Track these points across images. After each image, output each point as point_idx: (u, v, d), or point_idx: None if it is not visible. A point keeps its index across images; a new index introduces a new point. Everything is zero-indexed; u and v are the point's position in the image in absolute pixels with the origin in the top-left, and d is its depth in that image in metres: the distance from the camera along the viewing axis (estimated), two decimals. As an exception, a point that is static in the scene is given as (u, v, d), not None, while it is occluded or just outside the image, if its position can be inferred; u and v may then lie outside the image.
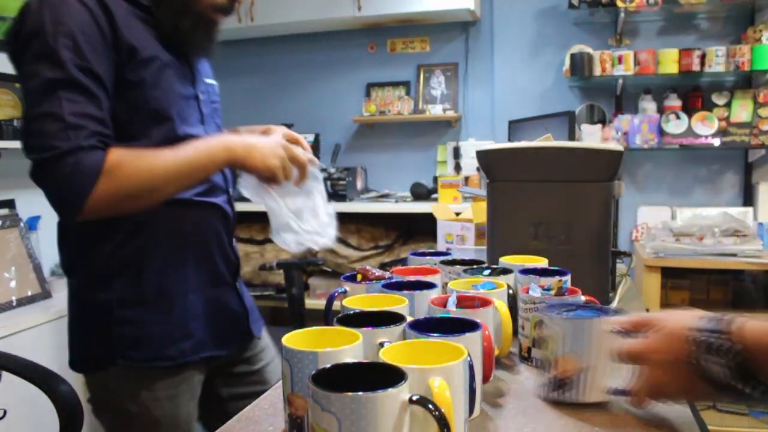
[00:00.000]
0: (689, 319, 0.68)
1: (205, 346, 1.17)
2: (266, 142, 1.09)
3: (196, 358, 1.16)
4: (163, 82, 1.09)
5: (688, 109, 2.91)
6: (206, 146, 1.07)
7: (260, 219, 2.50)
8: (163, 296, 1.12)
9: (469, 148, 3.21)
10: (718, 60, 2.72)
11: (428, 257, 1.14)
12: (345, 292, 0.92)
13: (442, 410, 0.54)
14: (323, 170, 2.86)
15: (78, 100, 0.98)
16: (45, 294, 2.44)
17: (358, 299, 0.84)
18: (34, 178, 1.00)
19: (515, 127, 3.04)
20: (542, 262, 1.09)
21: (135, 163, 1.01)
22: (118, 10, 1.05)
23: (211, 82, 1.27)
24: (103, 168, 0.98)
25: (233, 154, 1.07)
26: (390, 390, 0.52)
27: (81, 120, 0.98)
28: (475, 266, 1.05)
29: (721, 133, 2.83)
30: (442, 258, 1.11)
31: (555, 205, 1.20)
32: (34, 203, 2.65)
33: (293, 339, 0.67)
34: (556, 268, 1.02)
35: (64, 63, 0.98)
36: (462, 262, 1.09)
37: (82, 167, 0.96)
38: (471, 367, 0.67)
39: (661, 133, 2.89)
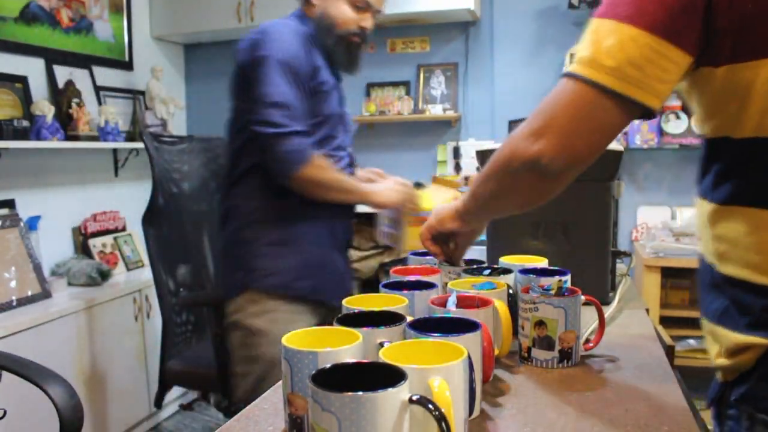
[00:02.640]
0: None
1: (320, 293, 1.52)
2: (386, 186, 1.63)
3: (313, 297, 1.51)
4: (330, 99, 1.53)
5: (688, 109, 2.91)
6: (364, 188, 1.57)
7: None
8: (297, 242, 1.50)
9: (469, 148, 3.21)
10: (718, 60, 2.72)
11: (428, 257, 1.14)
12: None
13: (442, 410, 0.54)
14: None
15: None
16: (45, 294, 2.44)
17: (358, 299, 0.84)
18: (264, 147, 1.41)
19: (515, 127, 3.03)
20: (542, 262, 1.09)
21: (330, 169, 1.47)
22: (313, 43, 1.50)
23: (347, 110, 1.67)
24: (312, 159, 1.42)
25: (374, 197, 1.57)
26: (390, 390, 0.52)
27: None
28: (475, 266, 1.05)
29: (721, 133, 2.83)
30: (442, 258, 1.11)
31: (555, 205, 1.19)
32: (34, 203, 2.65)
33: (293, 339, 0.67)
34: (556, 268, 1.02)
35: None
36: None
37: (303, 148, 1.41)
38: (471, 367, 0.67)
39: (661, 132, 2.89)
